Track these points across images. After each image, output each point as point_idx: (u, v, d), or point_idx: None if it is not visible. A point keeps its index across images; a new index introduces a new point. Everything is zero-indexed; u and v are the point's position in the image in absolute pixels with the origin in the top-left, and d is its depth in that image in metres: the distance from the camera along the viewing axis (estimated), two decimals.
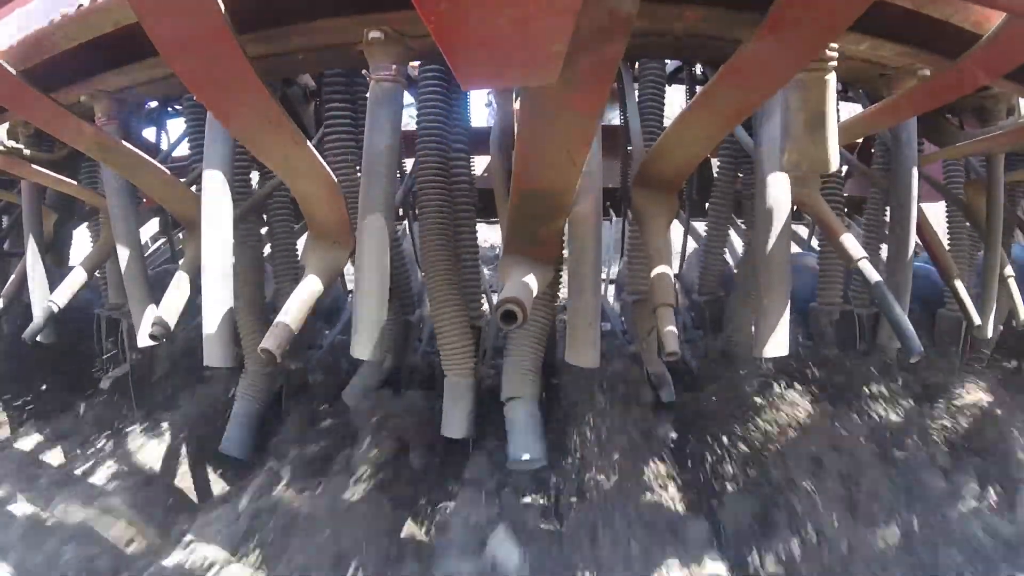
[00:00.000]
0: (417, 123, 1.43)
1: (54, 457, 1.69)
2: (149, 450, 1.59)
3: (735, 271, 1.93)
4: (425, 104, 1.40)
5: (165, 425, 1.64)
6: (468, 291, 1.48)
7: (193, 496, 1.54)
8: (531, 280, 1.05)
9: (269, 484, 1.41)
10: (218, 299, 1.23)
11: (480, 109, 5.26)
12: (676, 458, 1.41)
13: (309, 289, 1.13)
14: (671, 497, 1.28)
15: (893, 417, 1.46)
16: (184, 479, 1.56)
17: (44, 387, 1.99)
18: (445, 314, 1.40)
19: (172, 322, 1.24)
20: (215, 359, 1.25)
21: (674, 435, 1.48)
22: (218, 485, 1.59)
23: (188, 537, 1.27)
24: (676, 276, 2.07)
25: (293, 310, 1.08)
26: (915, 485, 1.31)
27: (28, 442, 1.72)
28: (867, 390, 1.49)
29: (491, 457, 1.46)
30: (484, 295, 1.88)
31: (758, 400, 1.43)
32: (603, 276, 2.26)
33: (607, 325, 2.00)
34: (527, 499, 1.34)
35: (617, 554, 1.14)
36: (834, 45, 0.92)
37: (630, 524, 1.18)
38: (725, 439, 1.39)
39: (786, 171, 1.05)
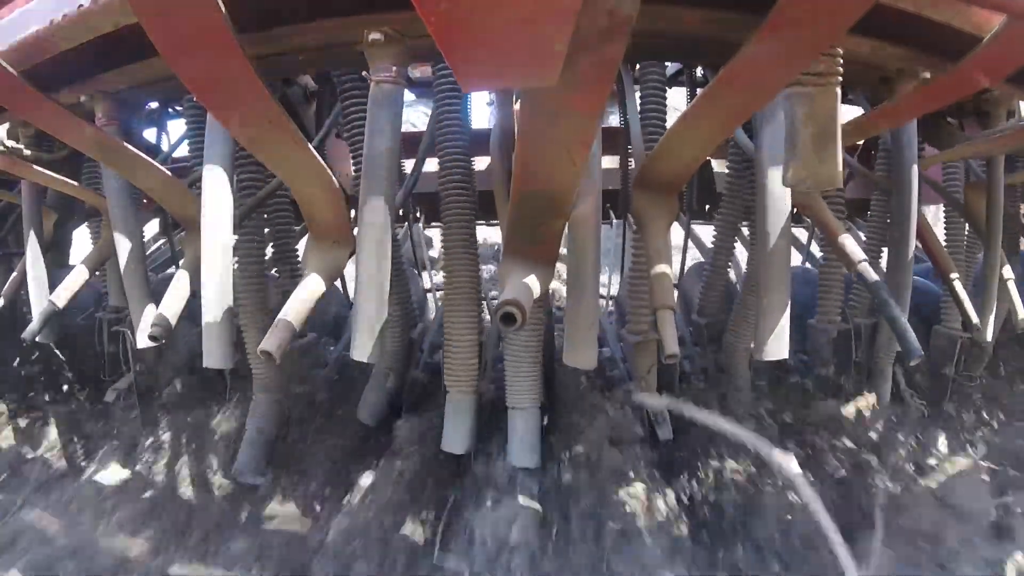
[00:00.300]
0: (437, 125, 1.45)
1: (56, 462, 1.68)
2: (152, 458, 1.59)
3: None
4: (442, 105, 1.42)
5: (168, 433, 1.63)
6: None
7: (195, 505, 1.54)
8: (531, 282, 1.05)
9: (272, 499, 1.41)
10: (218, 299, 1.22)
11: (482, 109, 5.27)
12: None
13: (310, 288, 1.12)
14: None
15: None
16: (186, 488, 1.55)
17: (45, 390, 1.98)
18: (457, 336, 1.43)
19: (173, 322, 1.24)
20: (215, 360, 1.24)
21: None
22: (220, 495, 1.59)
23: (189, 545, 1.27)
24: (675, 285, 2.05)
25: (294, 309, 1.07)
26: None
27: (29, 447, 1.72)
28: None
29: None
30: (484, 301, 1.88)
31: None
32: (602, 287, 2.26)
33: (607, 351, 1.99)
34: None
35: None
36: (839, 59, 0.92)
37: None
38: None
39: (789, 186, 1.02)
